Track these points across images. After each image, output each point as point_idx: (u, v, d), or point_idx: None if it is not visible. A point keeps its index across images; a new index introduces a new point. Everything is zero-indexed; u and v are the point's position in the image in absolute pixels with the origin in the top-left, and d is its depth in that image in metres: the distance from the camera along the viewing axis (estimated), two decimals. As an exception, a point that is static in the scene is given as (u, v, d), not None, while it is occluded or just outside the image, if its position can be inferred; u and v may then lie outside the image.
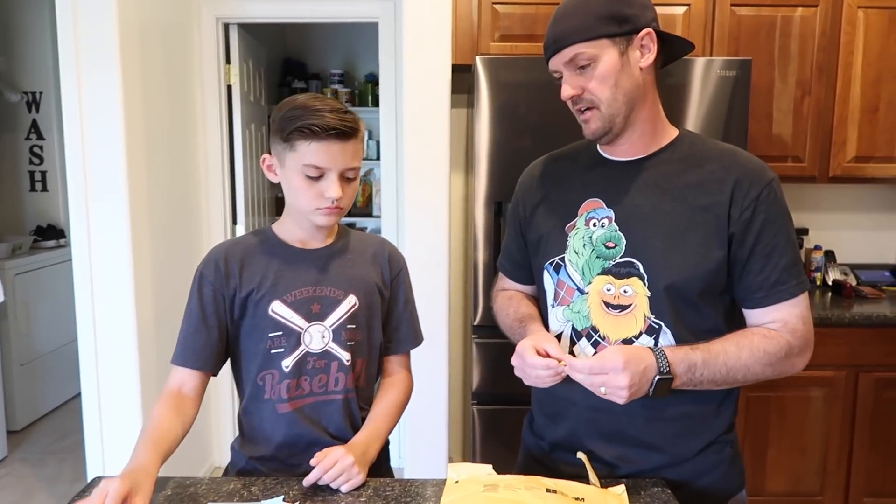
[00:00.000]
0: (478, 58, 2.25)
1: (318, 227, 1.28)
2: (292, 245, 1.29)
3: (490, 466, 1.14)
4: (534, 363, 1.12)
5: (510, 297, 1.39)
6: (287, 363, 1.24)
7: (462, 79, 2.70)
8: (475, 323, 2.38)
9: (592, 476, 1.12)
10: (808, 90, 2.60)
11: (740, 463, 1.26)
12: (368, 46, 4.52)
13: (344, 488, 1.11)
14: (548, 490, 1.05)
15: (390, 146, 3.04)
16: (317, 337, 1.25)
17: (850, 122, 2.63)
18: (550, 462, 1.29)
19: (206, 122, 3.04)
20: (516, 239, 1.38)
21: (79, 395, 2.64)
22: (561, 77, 1.19)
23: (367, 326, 1.32)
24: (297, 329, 1.25)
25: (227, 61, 3.06)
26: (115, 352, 2.40)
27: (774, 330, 1.15)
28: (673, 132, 1.24)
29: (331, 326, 1.26)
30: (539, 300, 1.34)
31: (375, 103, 4.40)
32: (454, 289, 2.88)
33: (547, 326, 1.28)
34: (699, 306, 1.17)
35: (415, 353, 1.43)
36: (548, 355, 1.13)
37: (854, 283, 2.82)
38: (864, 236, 3.06)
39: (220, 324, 1.25)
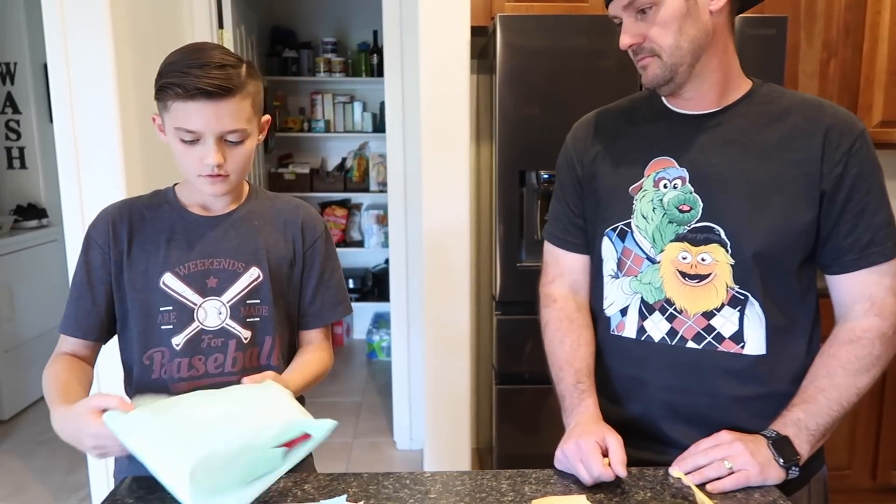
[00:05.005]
0: (498, 16, 2.12)
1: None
2: (190, 210, 1.19)
3: None
4: (594, 472, 0.98)
5: (570, 320, 1.22)
6: (177, 340, 1.14)
7: (472, 43, 2.55)
8: (496, 298, 2.27)
9: (700, 496, 0.95)
10: (835, 52, 2.50)
11: None
12: (361, 13, 4.33)
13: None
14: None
15: (397, 117, 2.89)
16: (212, 313, 1.15)
17: (877, 86, 2.54)
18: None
19: (199, 92, 2.86)
20: (569, 201, 1.26)
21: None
22: (620, 23, 1.08)
23: (276, 302, 1.19)
24: (191, 305, 1.15)
25: (220, 26, 2.88)
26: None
27: (857, 324, 1.08)
28: (747, 83, 1.14)
29: (228, 302, 1.16)
30: (591, 274, 1.24)
31: (369, 73, 4.23)
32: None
33: (599, 302, 1.20)
34: (788, 275, 1.09)
35: (436, 333, 1.28)
36: (606, 453, 1.01)
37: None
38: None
39: (108, 290, 1.16)
